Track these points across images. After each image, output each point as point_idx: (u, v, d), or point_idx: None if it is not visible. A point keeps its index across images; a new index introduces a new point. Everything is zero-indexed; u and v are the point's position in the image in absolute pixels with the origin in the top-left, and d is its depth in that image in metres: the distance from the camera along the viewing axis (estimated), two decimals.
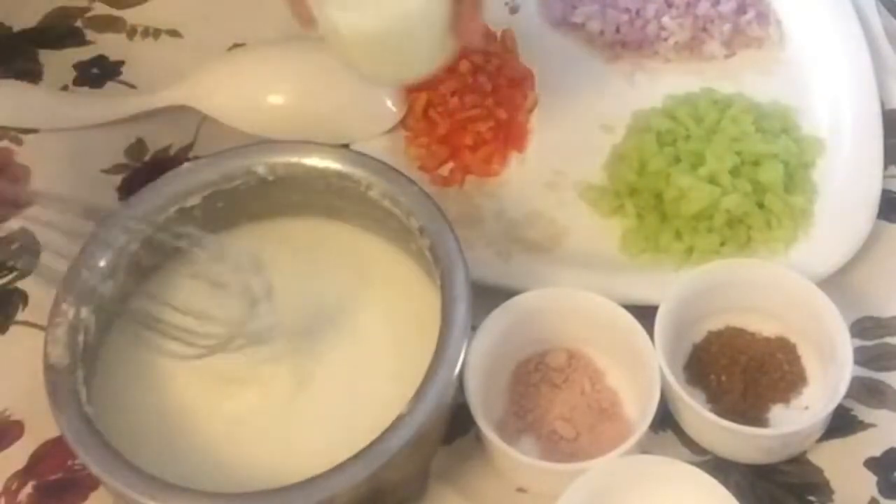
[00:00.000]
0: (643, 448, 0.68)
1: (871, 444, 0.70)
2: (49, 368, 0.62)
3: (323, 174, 0.70)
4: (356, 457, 0.58)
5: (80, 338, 0.63)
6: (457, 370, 0.62)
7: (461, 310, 0.64)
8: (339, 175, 0.70)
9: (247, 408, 0.66)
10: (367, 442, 0.59)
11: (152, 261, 0.68)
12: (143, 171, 0.84)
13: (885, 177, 0.80)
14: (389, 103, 0.84)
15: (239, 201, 0.71)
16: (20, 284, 0.79)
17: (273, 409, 0.66)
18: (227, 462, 0.63)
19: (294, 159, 0.71)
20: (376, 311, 0.70)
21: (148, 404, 0.65)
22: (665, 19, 0.89)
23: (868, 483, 0.68)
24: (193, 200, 0.70)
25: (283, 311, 0.68)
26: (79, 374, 0.62)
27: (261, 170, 0.70)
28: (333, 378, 0.67)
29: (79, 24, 0.95)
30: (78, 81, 0.91)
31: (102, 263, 0.65)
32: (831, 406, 0.66)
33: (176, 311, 0.64)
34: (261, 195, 0.71)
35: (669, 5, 0.90)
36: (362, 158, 0.71)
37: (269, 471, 0.62)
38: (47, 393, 0.61)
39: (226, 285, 0.62)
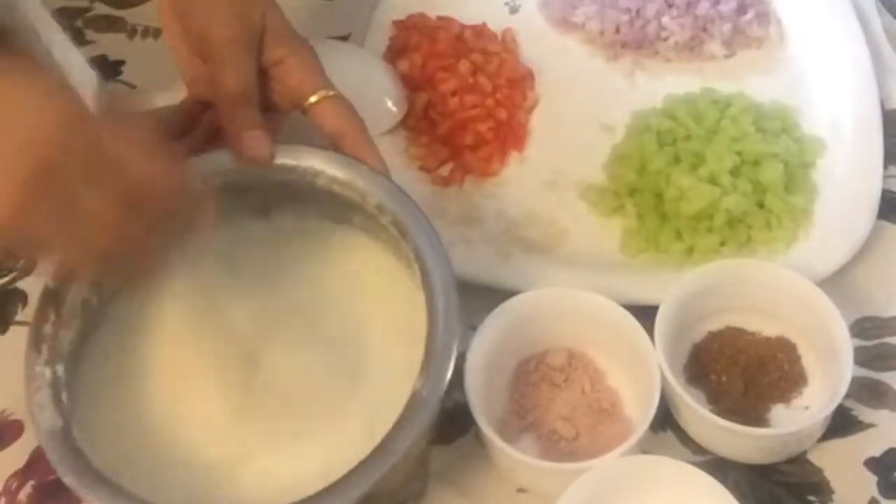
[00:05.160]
0: (643, 448, 0.67)
1: (871, 444, 0.70)
2: (44, 435, 0.60)
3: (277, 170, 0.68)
4: (347, 477, 0.57)
5: (64, 396, 0.61)
6: (447, 379, 0.60)
7: (447, 295, 0.62)
8: (281, 169, 0.68)
9: (231, 429, 0.64)
10: (359, 451, 0.58)
11: (102, 301, 0.66)
12: None
13: (885, 177, 0.80)
14: (390, 103, 0.84)
15: None
16: (20, 284, 0.79)
17: (257, 431, 0.64)
18: (222, 482, 0.62)
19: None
20: (356, 304, 0.68)
21: (132, 434, 0.64)
22: (665, 19, 0.89)
23: (868, 483, 0.68)
24: None
25: (265, 315, 0.68)
26: (75, 432, 0.60)
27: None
28: (316, 385, 0.66)
29: (79, 24, 0.95)
30: None
31: (62, 315, 0.63)
32: (831, 406, 0.66)
33: None
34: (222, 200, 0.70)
35: (669, 5, 0.90)
36: (304, 148, 0.68)
37: (257, 493, 0.61)
38: (53, 462, 0.59)
39: None
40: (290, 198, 0.69)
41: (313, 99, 0.69)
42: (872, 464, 0.69)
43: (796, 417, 0.70)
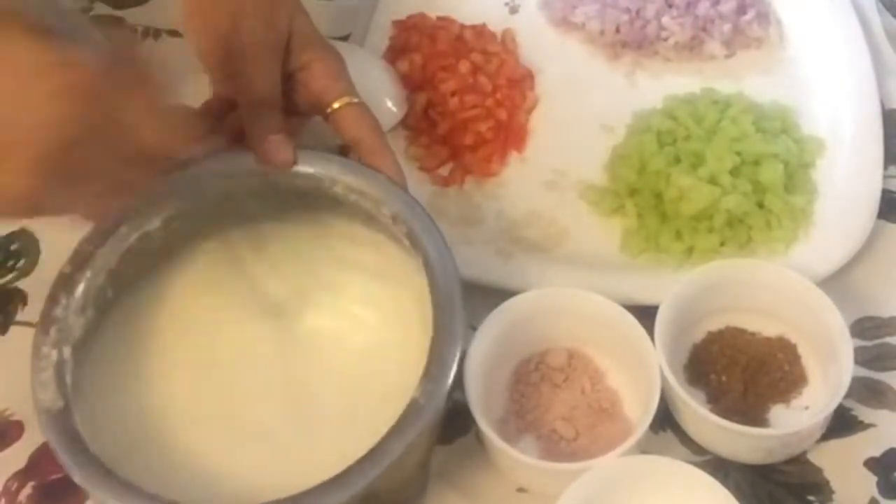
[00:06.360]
0: (643, 448, 0.68)
1: (871, 444, 0.70)
2: (44, 414, 0.60)
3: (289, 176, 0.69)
4: (348, 471, 0.57)
5: (68, 378, 0.62)
6: (450, 379, 0.61)
7: (452, 307, 0.62)
8: (299, 175, 0.68)
9: (236, 419, 0.65)
10: (362, 447, 0.58)
11: (117, 292, 0.66)
12: None
13: (885, 177, 0.80)
14: (390, 103, 0.84)
15: (201, 218, 0.69)
16: (20, 284, 0.79)
17: (257, 430, 0.64)
18: (222, 477, 0.63)
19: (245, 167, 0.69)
20: (365, 310, 0.69)
21: (135, 427, 0.64)
22: (665, 19, 0.89)
23: (868, 483, 0.68)
24: (155, 223, 0.67)
25: (273, 311, 0.68)
26: (76, 416, 0.60)
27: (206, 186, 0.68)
28: (326, 383, 0.66)
29: None
30: None
31: (74, 301, 0.64)
32: (831, 406, 0.66)
33: None
34: (226, 207, 0.69)
35: (669, 5, 0.90)
36: (323, 156, 0.69)
37: (260, 484, 0.61)
38: (49, 440, 0.59)
39: None
40: (307, 204, 0.69)
41: (336, 105, 0.69)
42: (872, 464, 0.69)
43: (796, 417, 0.70)
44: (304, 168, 0.68)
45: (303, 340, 0.67)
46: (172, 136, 0.56)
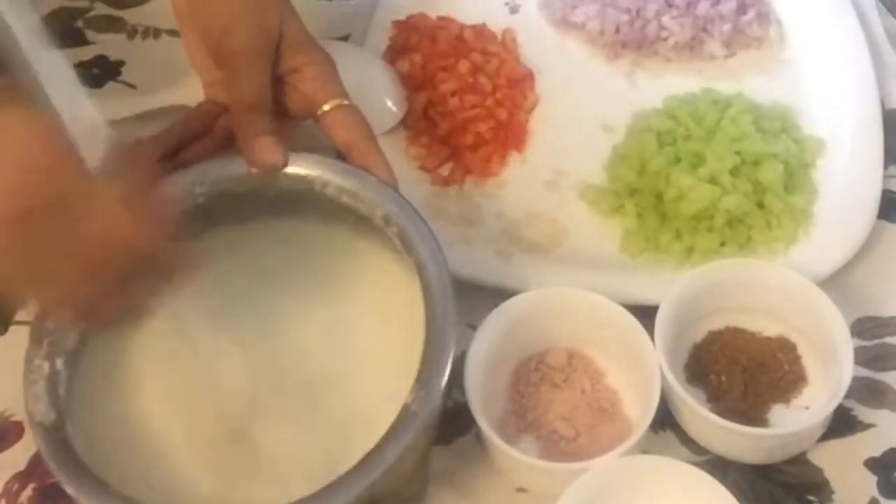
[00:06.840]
0: (643, 448, 0.68)
1: (871, 444, 0.70)
2: (37, 427, 0.60)
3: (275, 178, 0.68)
4: (342, 479, 0.57)
5: (61, 390, 0.62)
6: (443, 384, 0.60)
7: (445, 310, 0.62)
8: (290, 178, 0.68)
9: (224, 427, 0.64)
10: (356, 453, 0.58)
11: None
12: None
13: (885, 177, 0.80)
14: (390, 103, 0.84)
15: (192, 223, 0.68)
16: None
17: (259, 431, 0.64)
18: (216, 487, 0.62)
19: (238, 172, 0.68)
20: (358, 313, 0.68)
21: (128, 438, 0.64)
22: (665, 19, 0.89)
23: (868, 483, 0.68)
24: None
25: (263, 319, 0.68)
26: (68, 428, 0.60)
27: (198, 189, 0.68)
28: (318, 388, 0.66)
29: (79, 24, 0.95)
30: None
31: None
32: (831, 406, 0.66)
33: None
34: (218, 211, 0.69)
35: (669, 5, 0.90)
36: (315, 158, 0.69)
37: (255, 493, 0.61)
38: (42, 452, 0.60)
39: None
40: (298, 206, 0.69)
41: (326, 107, 0.69)
42: (872, 464, 0.69)
43: (796, 417, 0.70)
44: (296, 170, 0.68)
45: (293, 345, 0.67)
46: (132, 234, 0.55)
